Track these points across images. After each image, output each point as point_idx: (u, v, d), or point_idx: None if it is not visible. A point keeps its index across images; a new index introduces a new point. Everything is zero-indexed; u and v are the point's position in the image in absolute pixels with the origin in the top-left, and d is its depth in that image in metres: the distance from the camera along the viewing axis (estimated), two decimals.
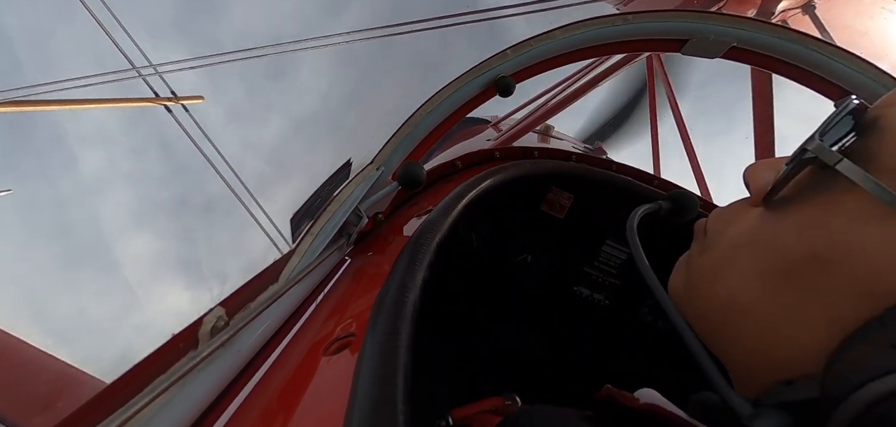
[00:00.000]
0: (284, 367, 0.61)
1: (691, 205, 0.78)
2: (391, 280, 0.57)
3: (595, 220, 1.36)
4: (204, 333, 0.61)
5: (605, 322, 1.43)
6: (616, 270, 1.40)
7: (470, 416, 0.60)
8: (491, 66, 1.22)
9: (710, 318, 0.45)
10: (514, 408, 0.65)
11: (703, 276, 0.48)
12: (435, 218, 0.76)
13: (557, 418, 0.46)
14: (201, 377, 0.55)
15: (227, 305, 0.68)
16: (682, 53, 1.31)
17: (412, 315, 0.50)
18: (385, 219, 1.08)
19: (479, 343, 1.42)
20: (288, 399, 0.53)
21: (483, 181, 1.00)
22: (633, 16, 1.29)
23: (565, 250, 1.40)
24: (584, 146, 4.29)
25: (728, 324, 0.43)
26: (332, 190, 1.01)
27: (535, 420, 0.47)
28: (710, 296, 0.45)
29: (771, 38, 1.26)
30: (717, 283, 0.45)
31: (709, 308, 0.46)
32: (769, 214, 0.42)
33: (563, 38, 1.26)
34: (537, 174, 1.26)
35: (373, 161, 1.12)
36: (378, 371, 0.40)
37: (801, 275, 0.36)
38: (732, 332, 0.43)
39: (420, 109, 1.20)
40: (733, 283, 0.42)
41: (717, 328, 0.45)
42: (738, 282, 0.42)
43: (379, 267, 0.80)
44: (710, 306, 0.45)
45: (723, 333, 0.44)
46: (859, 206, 0.34)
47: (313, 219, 0.94)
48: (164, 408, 0.49)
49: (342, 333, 0.55)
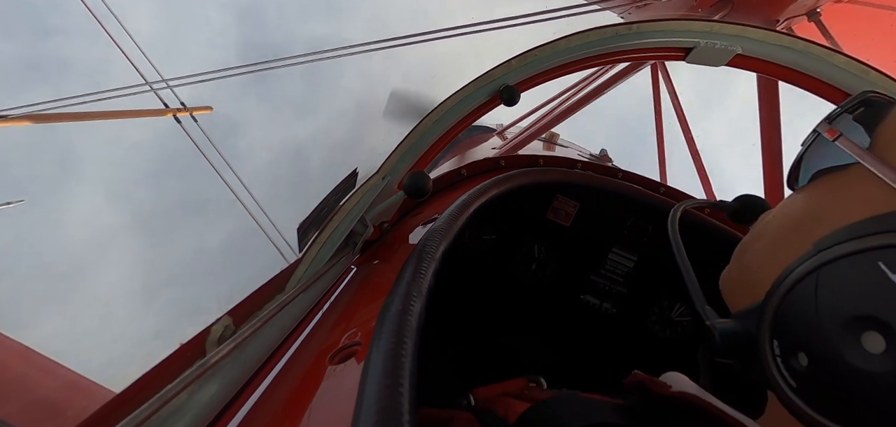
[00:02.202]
0: (291, 375, 0.61)
1: (759, 208, 0.74)
2: (396, 289, 0.57)
3: (601, 228, 1.36)
4: (211, 342, 0.61)
5: (612, 331, 1.42)
6: (623, 279, 1.39)
7: (492, 398, 0.58)
8: (495, 76, 1.23)
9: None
10: (539, 390, 0.63)
11: (754, 255, 0.49)
12: (440, 226, 0.76)
13: (587, 407, 0.45)
14: (209, 385, 0.55)
15: (235, 314, 0.69)
16: (687, 62, 1.31)
17: (418, 324, 0.50)
18: (391, 227, 1.09)
19: (483, 351, 1.42)
20: (294, 407, 0.53)
21: (488, 190, 1.01)
22: (637, 25, 1.29)
23: (571, 258, 1.40)
24: (589, 154, 4.29)
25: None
26: (338, 199, 1.01)
27: (563, 408, 0.46)
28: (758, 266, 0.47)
29: (776, 46, 1.26)
30: (762, 256, 0.46)
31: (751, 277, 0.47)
32: (794, 194, 0.48)
33: (568, 48, 1.26)
34: (542, 182, 1.26)
35: (379, 170, 1.12)
36: (383, 380, 0.40)
37: (801, 230, 0.40)
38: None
39: (425, 119, 1.21)
40: (768, 250, 0.45)
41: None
42: (770, 248, 0.45)
43: (385, 275, 0.80)
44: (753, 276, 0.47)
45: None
46: (851, 176, 0.38)
47: (320, 228, 0.95)
48: (172, 416, 0.49)
49: (348, 342, 0.56)
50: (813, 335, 0.32)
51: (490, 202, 0.99)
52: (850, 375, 0.29)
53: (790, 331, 0.34)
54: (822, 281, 0.31)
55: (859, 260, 0.29)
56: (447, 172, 1.36)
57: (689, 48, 1.29)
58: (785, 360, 0.34)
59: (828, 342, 0.30)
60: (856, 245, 0.30)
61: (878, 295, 0.27)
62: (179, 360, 0.58)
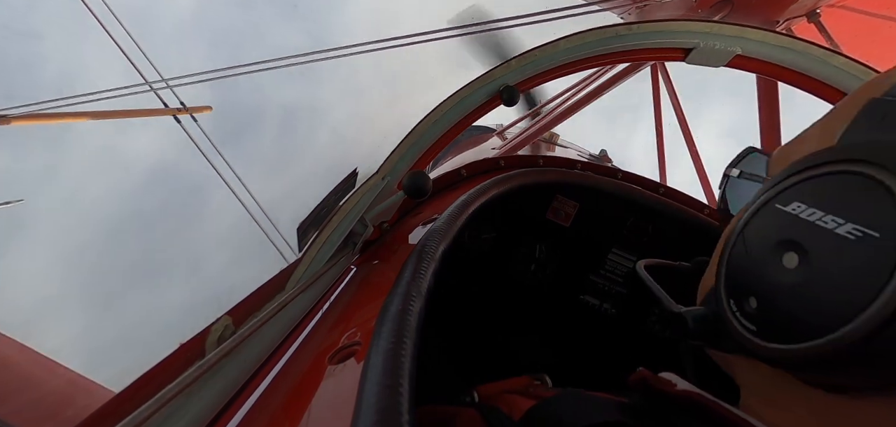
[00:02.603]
0: (290, 375, 0.62)
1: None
2: (396, 289, 0.57)
3: (601, 229, 1.36)
4: (211, 342, 0.61)
5: (612, 331, 1.42)
6: (622, 279, 1.39)
7: (496, 394, 0.58)
8: (495, 77, 1.23)
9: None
10: (543, 388, 0.63)
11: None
12: (440, 227, 0.76)
13: (593, 405, 0.46)
14: (208, 385, 0.55)
15: (234, 314, 0.69)
16: (687, 62, 1.32)
17: (417, 324, 0.50)
18: (390, 227, 1.09)
19: (483, 351, 1.42)
20: (294, 407, 0.53)
21: (488, 190, 1.01)
22: (637, 25, 1.29)
23: (571, 259, 1.40)
24: (589, 154, 4.29)
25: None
26: (338, 199, 1.01)
27: (568, 406, 0.46)
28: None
29: (775, 47, 1.26)
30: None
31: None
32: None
33: (567, 49, 1.26)
34: (542, 183, 1.27)
35: (378, 170, 1.13)
36: (383, 380, 0.40)
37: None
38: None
39: (425, 119, 1.21)
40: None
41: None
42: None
43: (384, 275, 0.80)
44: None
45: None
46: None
47: (319, 228, 0.95)
48: (172, 416, 0.49)
49: (348, 342, 0.56)
50: (752, 277, 0.39)
51: (490, 202, 1.00)
52: (783, 293, 0.36)
53: (737, 283, 0.41)
54: (747, 235, 0.41)
55: (764, 210, 0.40)
56: (447, 173, 1.36)
57: (688, 49, 1.29)
58: (741, 310, 0.40)
59: (762, 276, 0.38)
60: (759, 202, 0.41)
61: (781, 224, 0.37)
62: (179, 360, 0.59)
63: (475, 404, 0.55)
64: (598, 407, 0.46)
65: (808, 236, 0.34)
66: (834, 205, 0.34)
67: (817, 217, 0.34)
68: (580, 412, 0.45)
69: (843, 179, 0.34)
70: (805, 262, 0.34)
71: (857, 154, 0.34)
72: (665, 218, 1.32)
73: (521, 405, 0.50)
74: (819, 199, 0.35)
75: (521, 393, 0.57)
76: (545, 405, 0.48)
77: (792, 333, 0.34)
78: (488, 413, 0.50)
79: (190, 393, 0.52)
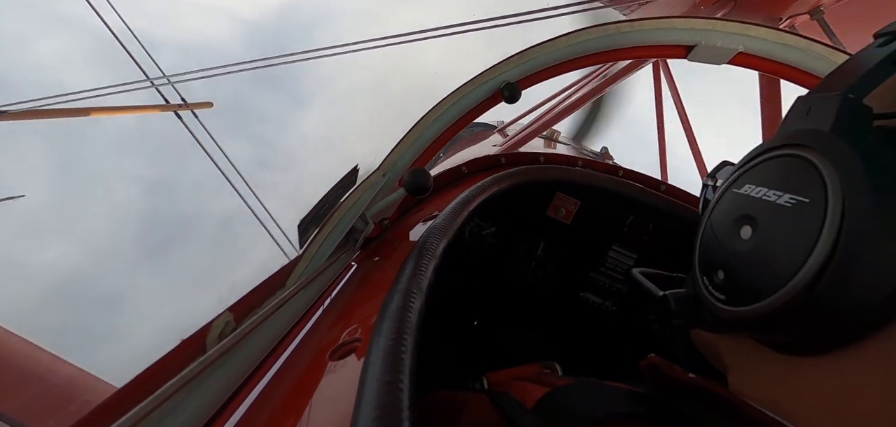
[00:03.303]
0: (291, 371, 0.62)
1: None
2: (397, 285, 0.57)
3: (602, 226, 1.36)
4: (212, 338, 0.62)
5: (612, 328, 1.42)
6: (623, 276, 1.39)
7: (506, 381, 0.57)
8: (496, 73, 1.23)
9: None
10: (553, 376, 0.63)
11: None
12: (440, 224, 0.76)
13: (608, 394, 0.47)
14: (209, 381, 0.55)
15: (235, 311, 0.69)
16: (689, 60, 1.31)
17: (418, 321, 0.50)
18: (391, 224, 1.09)
19: (484, 347, 1.42)
20: (294, 403, 0.53)
21: (489, 187, 1.01)
22: (638, 22, 1.29)
23: (572, 256, 1.40)
24: (590, 151, 4.28)
25: None
26: (338, 196, 1.02)
27: (583, 395, 0.47)
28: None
29: (778, 44, 1.25)
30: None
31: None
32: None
33: (569, 46, 1.26)
34: (543, 180, 1.27)
35: (379, 167, 1.13)
36: (383, 377, 0.40)
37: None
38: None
39: (426, 116, 1.21)
40: None
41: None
42: None
43: (385, 272, 0.80)
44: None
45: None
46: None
47: (320, 225, 0.95)
48: (173, 411, 0.50)
49: (348, 339, 0.56)
50: (718, 253, 0.45)
51: (491, 199, 1.00)
52: (742, 261, 0.41)
53: (708, 261, 0.46)
54: (714, 219, 0.47)
55: (725, 196, 0.47)
56: (448, 169, 1.36)
57: (690, 46, 1.28)
58: (712, 283, 0.44)
59: (726, 250, 0.44)
60: (720, 190, 0.49)
61: (737, 204, 0.44)
62: (180, 355, 0.59)
63: (485, 390, 0.55)
64: (613, 396, 0.47)
65: (758, 210, 0.41)
66: (774, 182, 0.40)
67: (762, 193, 0.41)
68: (595, 401, 0.46)
69: (780, 161, 0.42)
70: (756, 232, 0.40)
71: (786, 140, 0.41)
72: (666, 216, 1.32)
73: (533, 392, 0.50)
74: (763, 179, 0.42)
75: (532, 380, 0.57)
76: (559, 393, 0.48)
77: (753, 295, 0.39)
78: (499, 398, 0.49)
79: (191, 388, 0.52)
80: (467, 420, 0.48)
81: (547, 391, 0.48)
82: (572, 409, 0.45)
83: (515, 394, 0.51)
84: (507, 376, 0.59)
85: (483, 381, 0.57)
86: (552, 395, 0.48)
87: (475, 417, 0.48)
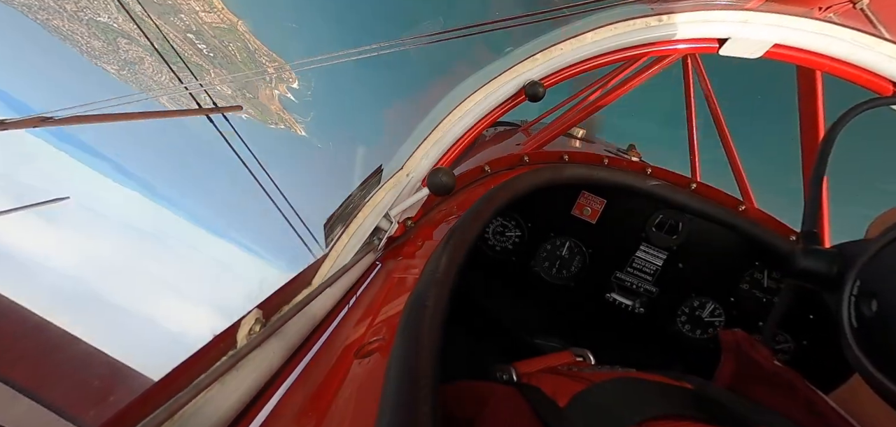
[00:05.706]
0: (317, 368, 0.63)
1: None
2: (420, 285, 0.57)
3: (629, 226, 1.33)
4: (242, 334, 0.63)
5: (640, 330, 1.39)
6: (651, 277, 1.36)
7: (535, 373, 0.54)
8: (520, 72, 1.22)
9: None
10: (586, 366, 0.60)
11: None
12: (463, 223, 0.76)
13: (651, 392, 0.42)
14: (239, 375, 0.57)
15: (264, 307, 0.71)
16: (721, 54, 1.27)
17: (441, 320, 0.50)
18: (415, 224, 1.09)
19: (506, 348, 1.41)
20: (321, 399, 0.54)
21: (512, 186, 1.00)
22: (668, 16, 1.25)
23: (597, 256, 1.37)
24: (617, 148, 4.19)
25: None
26: (363, 196, 1.03)
27: (624, 393, 0.42)
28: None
29: (816, 34, 1.19)
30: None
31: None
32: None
33: (595, 42, 1.24)
34: (567, 179, 1.25)
35: (403, 167, 1.13)
36: (407, 376, 0.40)
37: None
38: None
39: (448, 116, 1.21)
40: None
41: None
42: None
43: (409, 271, 0.81)
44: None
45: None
46: None
47: (345, 224, 0.96)
48: (206, 404, 0.51)
49: (373, 337, 0.57)
50: (889, 284, 0.35)
51: (514, 199, 0.99)
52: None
53: (875, 277, 0.37)
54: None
55: None
56: (471, 169, 1.36)
57: (723, 39, 1.24)
58: (858, 300, 0.37)
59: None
60: None
61: None
62: (212, 350, 0.61)
63: (513, 382, 0.52)
64: (653, 394, 0.42)
65: None
66: None
67: None
68: (633, 401, 0.41)
69: None
70: None
71: None
72: (697, 214, 1.27)
73: (565, 387, 0.46)
74: None
75: (564, 373, 0.53)
76: (596, 391, 0.44)
77: (889, 371, 0.32)
78: (529, 393, 0.46)
79: (224, 382, 0.54)
80: (494, 413, 0.44)
81: (581, 388, 0.44)
82: (608, 411, 0.41)
83: (546, 389, 0.47)
84: (536, 366, 0.56)
85: (510, 371, 0.54)
86: (588, 392, 0.44)
87: (503, 412, 0.44)
